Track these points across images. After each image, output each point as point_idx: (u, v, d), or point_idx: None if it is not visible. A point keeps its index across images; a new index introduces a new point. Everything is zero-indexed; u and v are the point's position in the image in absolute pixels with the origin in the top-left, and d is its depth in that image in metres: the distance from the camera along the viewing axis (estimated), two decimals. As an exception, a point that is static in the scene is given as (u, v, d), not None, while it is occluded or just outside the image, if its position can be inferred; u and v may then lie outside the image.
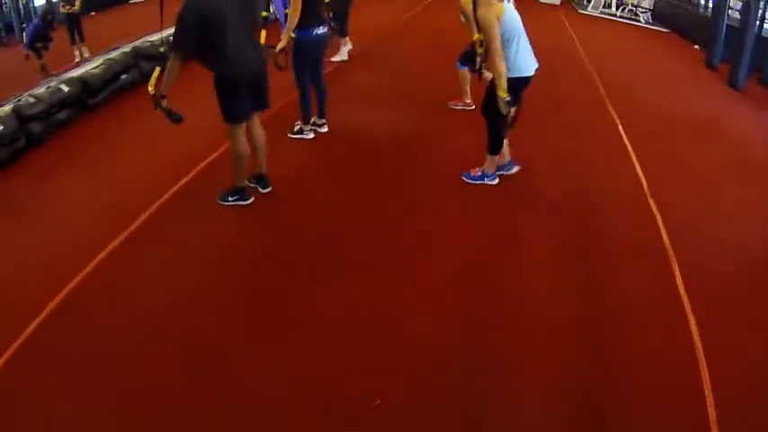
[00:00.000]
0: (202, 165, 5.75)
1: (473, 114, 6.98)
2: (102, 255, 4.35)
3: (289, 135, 6.40)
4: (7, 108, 6.52)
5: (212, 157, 5.90)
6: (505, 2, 4.82)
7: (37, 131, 6.56)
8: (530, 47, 5.07)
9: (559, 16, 17.06)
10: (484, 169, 5.57)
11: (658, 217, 5.27)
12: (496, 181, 5.61)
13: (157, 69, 4.78)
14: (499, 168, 5.64)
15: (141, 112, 7.10)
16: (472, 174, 5.62)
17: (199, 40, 4.46)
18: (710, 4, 17.69)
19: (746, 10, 10.82)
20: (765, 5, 10.99)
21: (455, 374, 3.41)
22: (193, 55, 4.62)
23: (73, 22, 10.12)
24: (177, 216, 4.95)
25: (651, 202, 5.55)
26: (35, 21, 9.49)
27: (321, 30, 5.96)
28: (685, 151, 7.08)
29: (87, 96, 7.46)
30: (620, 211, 5.46)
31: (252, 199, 5.14)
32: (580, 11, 18.76)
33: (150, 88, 4.67)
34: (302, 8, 5.56)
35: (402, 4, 15.74)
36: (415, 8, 15.60)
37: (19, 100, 6.75)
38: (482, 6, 4.71)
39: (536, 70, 5.10)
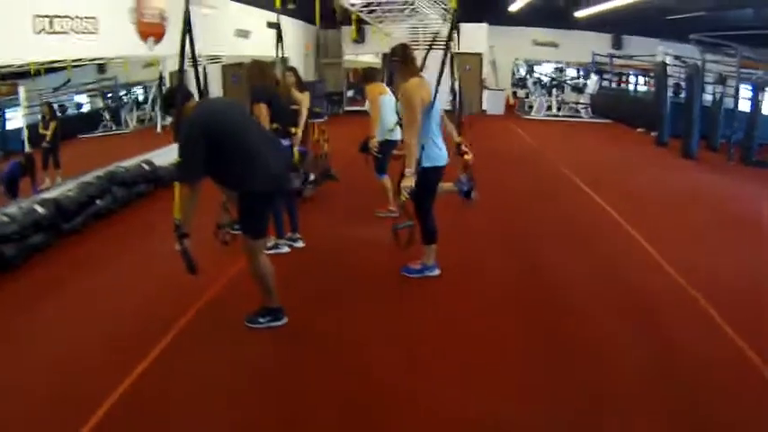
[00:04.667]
0: (213, 289, 5.20)
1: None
2: (106, 404, 3.53)
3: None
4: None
5: (223, 280, 5.39)
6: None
7: (10, 254, 5.95)
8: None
9: (509, 124, 17.89)
10: (423, 261, 5.35)
11: (670, 269, 5.53)
12: (437, 272, 5.35)
13: (177, 189, 4.11)
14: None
15: (122, 239, 7.04)
16: (411, 266, 5.38)
17: (210, 159, 3.92)
18: (636, 89, 19.66)
19: (690, 85, 12.03)
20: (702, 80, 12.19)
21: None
22: (208, 176, 4.10)
23: (49, 150, 9.43)
24: (197, 345, 4.32)
25: (662, 261, 5.75)
26: (12, 164, 8.46)
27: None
28: (672, 215, 7.60)
29: (62, 220, 6.90)
30: (636, 272, 5.61)
31: (286, 319, 4.53)
32: (525, 117, 19.78)
33: (176, 215, 4.01)
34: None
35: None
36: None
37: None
38: (412, 84, 4.75)
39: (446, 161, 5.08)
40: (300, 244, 6.30)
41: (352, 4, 14.35)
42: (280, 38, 7.93)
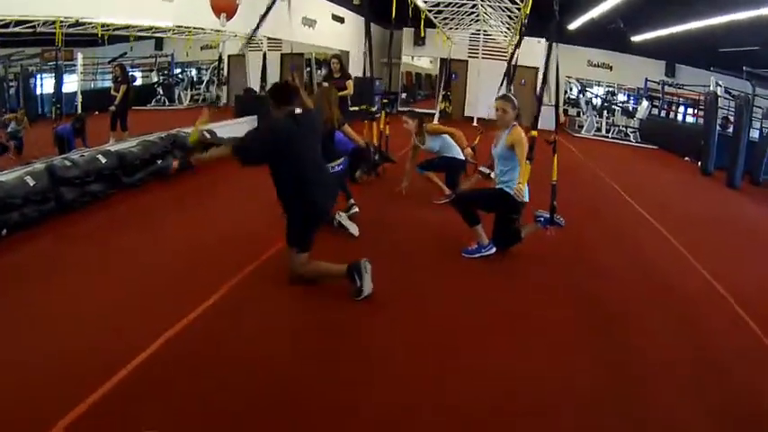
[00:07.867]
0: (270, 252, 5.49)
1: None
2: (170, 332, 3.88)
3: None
4: (41, 166, 6.46)
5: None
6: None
7: (69, 197, 6.42)
8: None
9: (560, 140, 17.55)
10: (479, 242, 5.82)
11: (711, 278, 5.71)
12: (493, 250, 5.81)
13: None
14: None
15: (180, 197, 7.39)
16: (469, 248, 5.86)
17: (265, 159, 4.35)
18: (683, 119, 19.90)
19: (738, 118, 12.07)
20: (750, 113, 12.24)
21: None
22: (258, 164, 4.44)
23: (117, 114, 9.72)
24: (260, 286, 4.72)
25: (702, 270, 5.97)
26: (66, 126, 8.60)
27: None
28: (713, 236, 7.77)
29: (123, 173, 7.31)
30: (678, 280, 5.76)
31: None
32: (575, 135, 19.89)
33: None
34: None
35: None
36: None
37: (53, 161, 6.68)
38: (518, 133, 5.74)
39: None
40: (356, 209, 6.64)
41: (425, 1, 14.45)
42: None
